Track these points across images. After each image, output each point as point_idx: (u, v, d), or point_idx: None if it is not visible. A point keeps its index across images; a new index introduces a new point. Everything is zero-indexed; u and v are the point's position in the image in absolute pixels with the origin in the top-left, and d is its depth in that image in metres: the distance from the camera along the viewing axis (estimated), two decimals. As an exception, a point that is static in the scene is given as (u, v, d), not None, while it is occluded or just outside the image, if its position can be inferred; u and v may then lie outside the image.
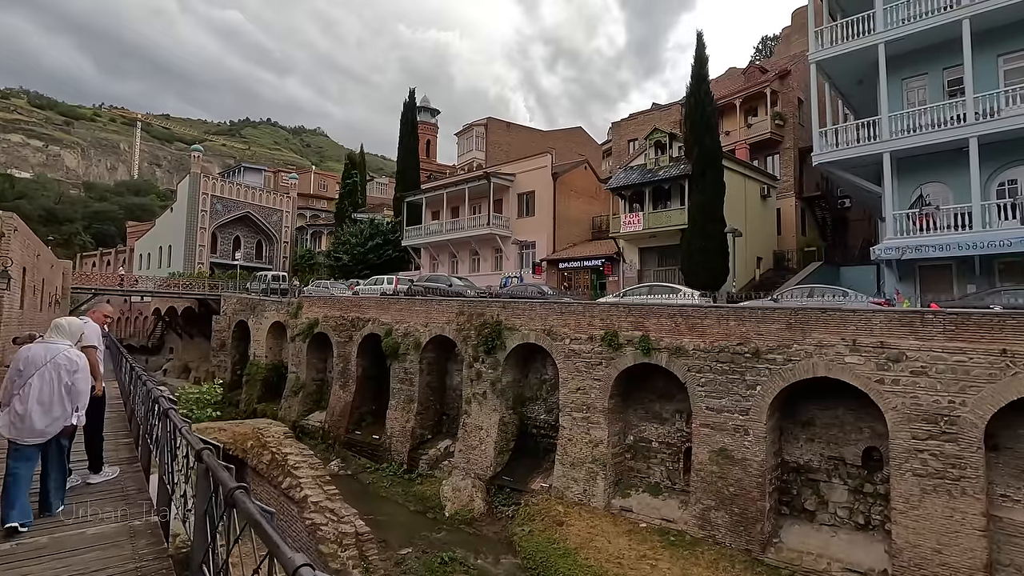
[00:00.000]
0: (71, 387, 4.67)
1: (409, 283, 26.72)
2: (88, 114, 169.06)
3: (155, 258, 50.30)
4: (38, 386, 4.56)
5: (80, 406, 4.79)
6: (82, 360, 4.86)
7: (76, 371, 4.73)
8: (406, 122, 40.93)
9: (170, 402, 5.32)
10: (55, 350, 4.75)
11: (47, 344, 4.83)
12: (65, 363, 4.69)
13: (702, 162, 21.95)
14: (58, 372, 4.67)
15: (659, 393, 16.61)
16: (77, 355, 4.87)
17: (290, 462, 11.27)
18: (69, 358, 4.75)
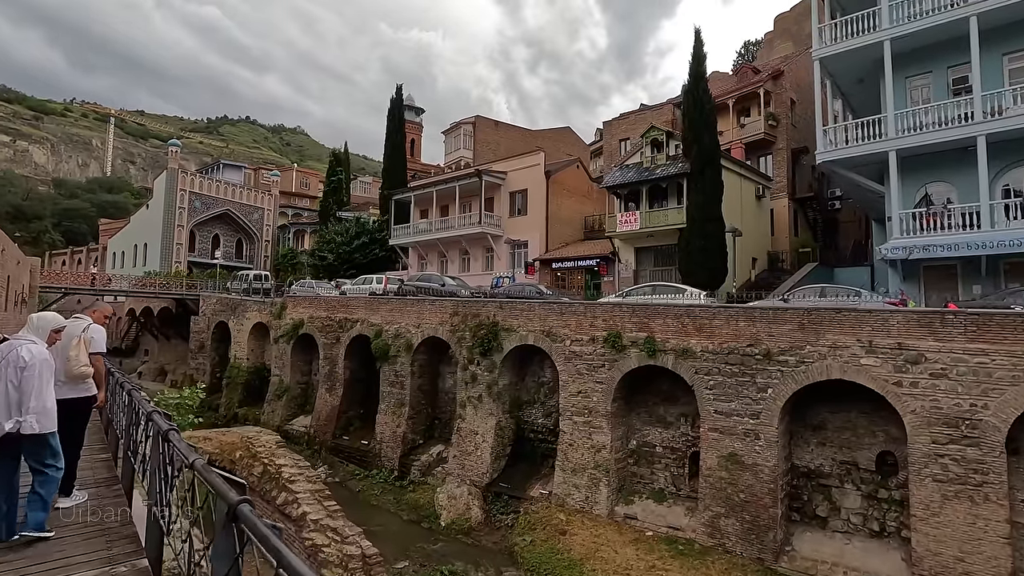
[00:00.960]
0: (16, 387, 4.08)
1: (399, 283, 25.90)
2: (58, 109, 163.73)
3: (129, 256, 48.42)
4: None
5: (22, 409, 4.06)
6: (37, 356, 4.24)
7: (24, 367, 4.11)
8: (393, 118, 40.03)
9: (167, 421, 4.18)
10: (14, 345, 4.25)
11: (12, 341, 4.37)
12: (15, 360, 4.13)
13: (701, 160, 21.59)
14: (8, 370, 4.11)
15: (663, 396, 16.12)
16: (36, 351, 4.26)
17: (285, 475, 10.40)
18: (20, 355, 4.16)
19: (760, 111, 29.47)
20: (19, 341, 4.26)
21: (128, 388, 5.90)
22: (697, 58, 22.40)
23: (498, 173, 30.01)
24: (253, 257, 48.36)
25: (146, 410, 4.59)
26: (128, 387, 5.92)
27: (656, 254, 24.57)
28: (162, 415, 4.40)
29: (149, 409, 4.53)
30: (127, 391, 5.86)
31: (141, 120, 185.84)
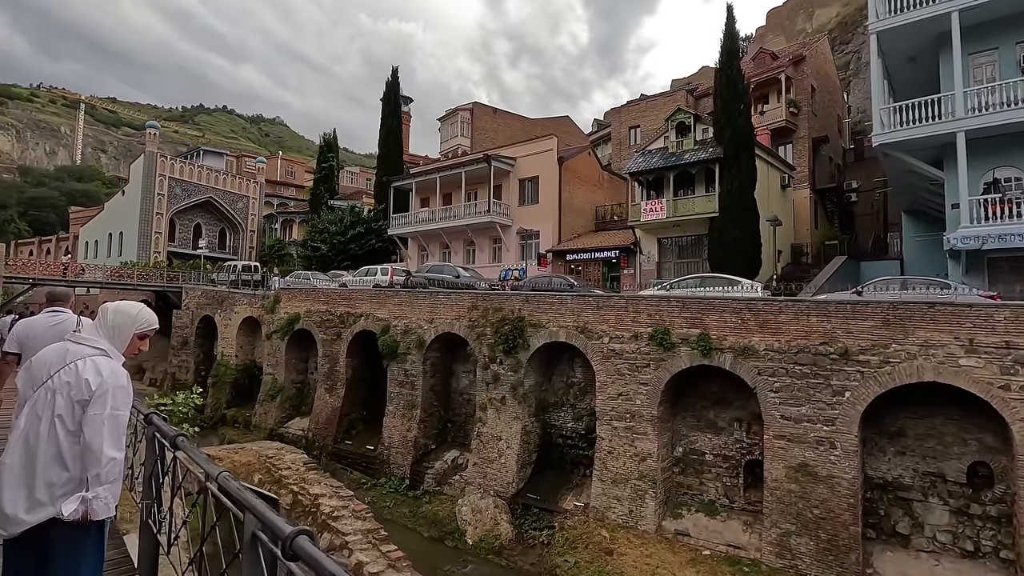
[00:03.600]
0: (79, 434, 2.19)
1: (405, 274, 24.03)
2: (24, 94, 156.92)
3: (103, 246, 45.45)
4: (27, 422, 2.20)
5: (97, 477, 2.21)
6: (110, 381, 2.29)
7: (90, 398, 2.21)
8: (389, 102, 37.89)
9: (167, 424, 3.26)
10: (70, 354, 2.31)
11: (65, 345, 2.37)
12: (72, 381, 2.22)
13: (735, 144, 20.18)
14: (58, 398, 2.20)
15: (713, 399, 14.67)
16: (109, 371, 2.32)
17: (324, 508, 8.51)
18: (83, 375, 2.24)
19: (780, 98, 28.21)
20: (80, 348, 2.34)
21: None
22: (730, 35, 20.98)
23: (507, 159, 28.27)
24: (238, 248, 45.81)
25: (142, 411, 3.91)
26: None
27: (681, 245, 23.14)
28: (161, 417, 3.57)
29: (146, 411, 3.83)
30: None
31: (112, 107, 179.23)
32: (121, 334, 2.44)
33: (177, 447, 2.91)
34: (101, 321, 2.44)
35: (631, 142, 34.96)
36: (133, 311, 2.51)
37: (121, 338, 2.43)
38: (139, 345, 2.56)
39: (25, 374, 2.30)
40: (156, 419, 3.51)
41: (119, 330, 2.43)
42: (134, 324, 2.48)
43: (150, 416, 3.63)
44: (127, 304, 2.55)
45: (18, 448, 2.13)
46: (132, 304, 2.56)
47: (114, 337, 2.41)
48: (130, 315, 2.48)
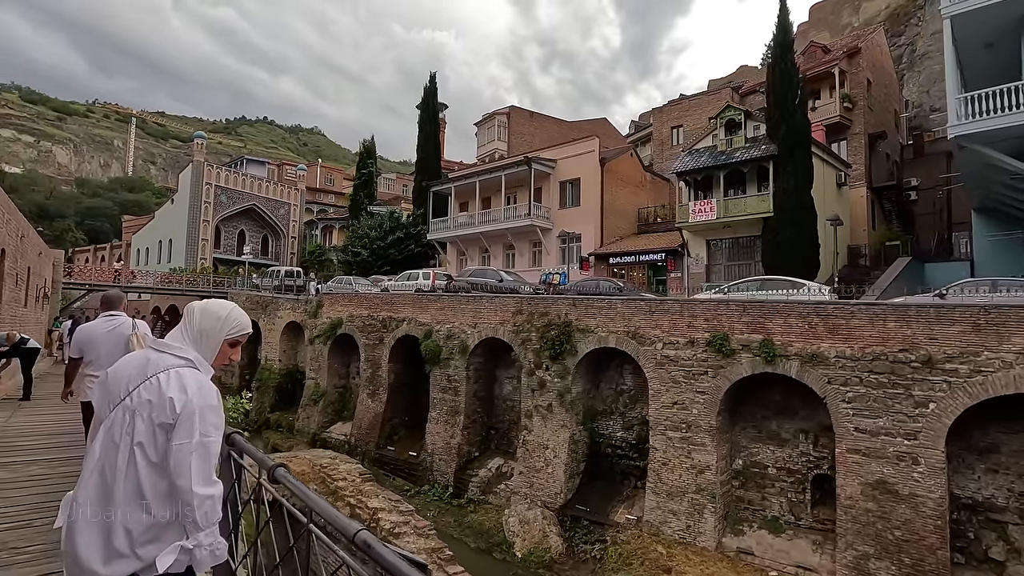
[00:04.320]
0: (164, 466, 1.77)
1: (447, 278, 23.81)
2: (81, 110, 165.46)
3: (154, 253, 47.06)
4: (102, 450, 1.78)
5: (194, 523, 1.79)
6: (196, 399, 1.82)
7: (175, 421, 1.78)
8: (427, 107, 38.03)
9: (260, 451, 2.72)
10: (150, 364, 1.87)
11: (150, 351, 1.94)
12: (156, 400, 1.79)
13: (790, 141, 19.22)
14: (138, 422, 1.77)
15: (775, 408, 13.82)
16: (195, 386, 1.86)
17: (384, 524, 8.21)
18: (166, 391, 1.80)
19: (834, 92, 26.94)
20: (162, 357, 1.90)
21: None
22: (783, 26, 20.06)
23: (547, 161, 27.83)
24: (280, 254, 46.73)
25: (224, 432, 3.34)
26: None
27: (732, 247, 22.20)
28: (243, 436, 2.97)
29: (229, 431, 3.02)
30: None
31: (161, 121, 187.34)
32: (210, 340, 1.98)
33: (232, 444, 2.78)
34: (186, 324, 1.98)
35: (673, 142, 34.07)
36: (222, 312, 2.03)
37: (210, 345, 1.98)
38: (230, 354, 2.07)
39: (100, 389, 1.87)
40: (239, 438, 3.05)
41: (207, 336, 1.97)
42: (224, 328, 2.01)
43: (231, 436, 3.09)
44: (216, 304, 2.07)
45: (92, 482, 1.71)
46: (221, 304, 2.08)
47: (202, 344, 1.96)
48: (219, 317, 2.01)
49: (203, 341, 1.96)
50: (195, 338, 1.95)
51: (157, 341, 1.95)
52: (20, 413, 8.93)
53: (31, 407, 9.68)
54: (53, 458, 5.95)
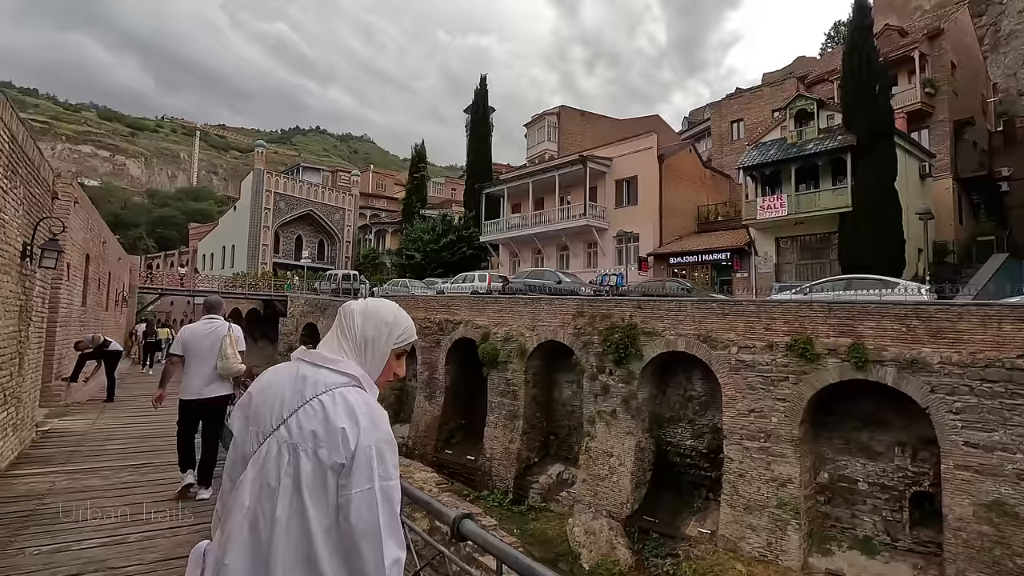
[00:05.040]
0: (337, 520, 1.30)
1: (502, 281, 23.55)
2: (151, 125, 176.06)
3: (218, 258, 49.17)
4: (254, 497, 1.33)
5: None
6: (375, 429, 1.35)
7: (350, 463, 1.30)
8: (477, 110, 38.05)
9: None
10: (319, 383, 1.41)
11: (303, 365, 1.48)
12: (323, 432, 1.32)
13: (871, 130, 17.92)
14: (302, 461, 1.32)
15: (866, 419, 12.74)
16: (363, 412, 1.37)
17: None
18: (337, 421, 1.33)
19: (913, 78, 25.09)
20: (320, 373, 1.44)
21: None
22: (861, 8, 18.76)
23: (603, 159, 27.18)
24: (335, 258, 47.88)
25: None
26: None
27: (803, 245, 20.93)
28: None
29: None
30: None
31: (222, 133, 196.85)
32: (376, 351, 1.53)
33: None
34: (344, 330, 1.54)
35: (733, 137, 32.71)
36: (388, 315, 1.59)
37: (376, 357, 1.53)
38: (395, 368, 1.63)
39: (243, 412, 1.45)
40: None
41: (373, 345, 1.52)
42: (392, 335, 1.57)
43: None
44: (379, 305, 1.62)
45: (243, 540, 1.29)
46: (386, 305, 1.63)
47: (366, 356, 1.51)
48: (386, 322, 1.57)
49: (368, 352, 1.52)
50: (357, 348, 1.51)
51: (309, 352, 1.51)
52: (105, 415, 9.17)
53: (115, 409, 9.95)
54: (143, 464, 5.94)
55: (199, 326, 5.22)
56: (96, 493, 4.75)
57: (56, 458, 6.08)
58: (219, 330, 5.15)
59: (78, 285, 10.26)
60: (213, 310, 5.44)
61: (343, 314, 1.58)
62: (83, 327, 11.40)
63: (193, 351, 5.02)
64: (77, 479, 5.26)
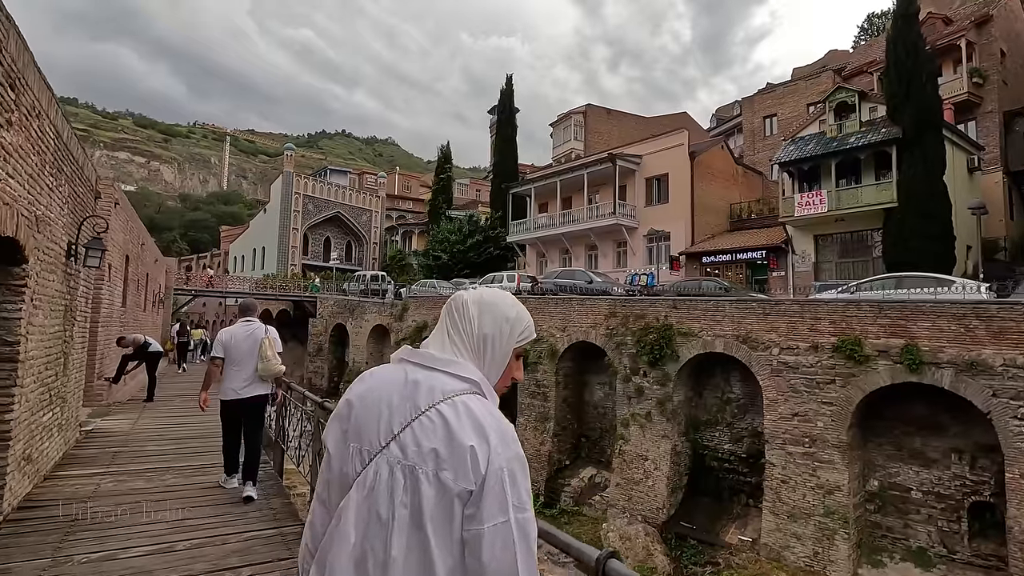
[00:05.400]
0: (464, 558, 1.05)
1: (531, 280, 23.32)
2: (183, 132, 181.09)
3: (248, 260, 50.07)
4: (359, 529, 1.08)
5: None
6: (505, 446, 1.08)
7: (480, 488, 1.04)
8: (503, 110, 37.95)
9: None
10: (435, 390, 1.15)
11: (411, 367, 1.21)
12: (446, 451, 1.07)
13: (918, 122, 17.16)
14: (423, 485, 1.06)
15: (918, 423, 12.14)
16: (491, 425, 1.09)
17: None
18: (463, 438, 1.07)
19: (960, 67, 24.04)
20: (435, 377, 1.17)
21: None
22: (906, -5, 17.95)
23: (632, 157, 26.73)
24: (362, 259, 48.30)
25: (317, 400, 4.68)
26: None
27: (844, 242, 20.19)
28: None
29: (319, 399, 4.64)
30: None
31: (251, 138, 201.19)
32: (496, 351, 1.25)
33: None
34: (457, 325, 1.26)
35: (766, 133, 31.89)
36: (510, 310, 1.30)
37: (497, 357, 1.26)
38: (515, 368, 1.33)
39: (339, 425, 1.19)
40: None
41: (493, 344, 1.25)
42: (514, 332, 1.28)
43: None
44: (496, 297, 1.32)
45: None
46: (503, 297, 1.33)
47: (485, 357, 1.24)
48: (507, 317, 1.28)
49: (487, 352, 1.25)
50: (474, 347, 1.24)
51: (417, 351, 1.24)
52: (146, 415, 9.24)
53: (155, 409, 10.04)
54: (184, 466, 5.88)
55: (237, 329, 5.29)
56: (141, 496, 4.67)
57: (100, 459, 6.07)
58: (256, 332, 5.24)
59: (119, 286, 10.39)
60: (248, 312, 5.54)
61: (454, 307, 1.31)
62: (123, 327, 11.56)
63: (233, 353, 5.10)
64: (122, 481, 5.22)
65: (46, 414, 5.19)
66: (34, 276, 4.29)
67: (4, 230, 3.37)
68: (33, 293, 4.31)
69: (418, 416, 1.11)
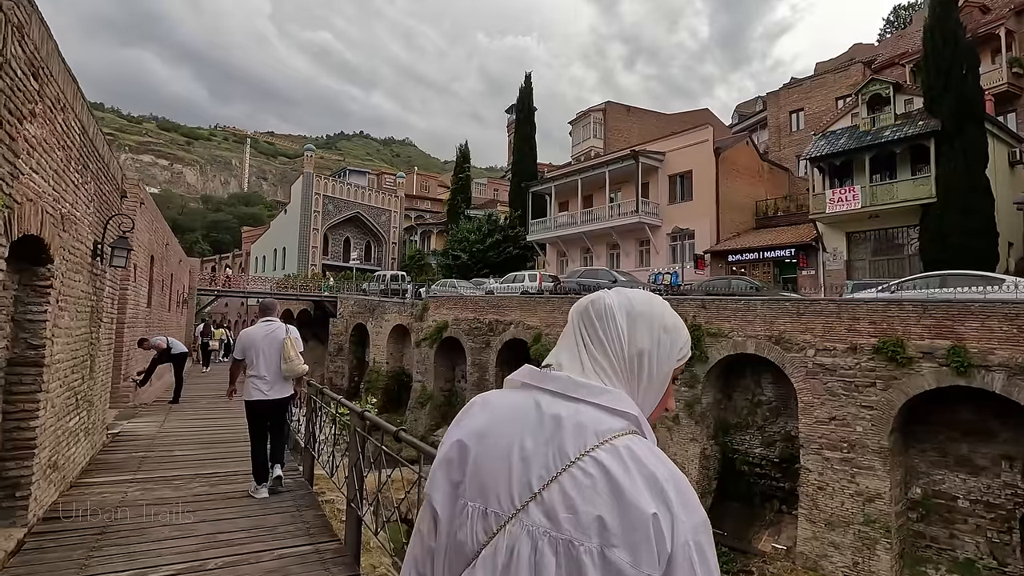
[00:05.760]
0: None
1: (553, 280, 23.01)
2: (205, 134, 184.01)
3: (269, 261, 50.51)
4: None
5: None
6: (687, 508, 0.77)
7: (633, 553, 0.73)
8: (522, 108, 37.58)
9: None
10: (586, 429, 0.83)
11: (543, 396, 0.89)
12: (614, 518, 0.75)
13: (958, 114, 16.47)
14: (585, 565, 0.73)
15: (965, 429, 11.58)
16: (667, 479, 0.78)
17: None
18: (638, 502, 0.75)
19: (999, 57, 23.16)
20: (578, 409, 0.85)
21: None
22: (944, -19, 17.25)
23: (655, 154, 26.25)
24: (381, 259, 48.41)
25: (356, 410, 4.37)
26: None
27: (878, 239, 19.52)
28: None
29: (359, 410, 4.32)
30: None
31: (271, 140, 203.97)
32: (656, 371, 0.93)
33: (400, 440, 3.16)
34: (600, 337, 0.93)
35: (792, 128, 31.14)
36: (664, 317, 0.97)
37: (655, 381, 0.93)
38: (669, 396, 0.99)
39: (447, 471, 0.89)
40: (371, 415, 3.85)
41: (651, 363, 0.92)
42: (674, 347, 0.95)
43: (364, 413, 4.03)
44: (647, 300, 0.98)
45: None
46: (654, 300, 0.99)
47: (639, 378, 0.92)
48: (664, 327, 0.95)
49: (643, 374, 0.92)
50: (627, 369, 0.91)
51: (550, 375, 0.92)
52: (172, 418, 9.15)
53: (180, 411, 9.97)
54: (211, 473, 5.71)
55: (257, 329, 5.29)
56: (169, 506, 4.49)
57: (127, 465, 5.93)
58: (277, 332, 5.25)
59: (144, 286, 10.35)
60: (268, 312, 5.57)
61: (594, 312, 0.96)
62: (148, 328, 11.54)
63: (254, 353, 5.10)
64: (149, 490, 5.06)
65: (72, 419, 5.05)
66: (60, 276, 4.13)
67: (28, 228, 3.19)
68: (59, 294, 4.15)
69: (567, 467, 0.79)
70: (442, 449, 0.92)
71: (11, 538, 3.54)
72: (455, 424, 0.95)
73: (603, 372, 0.91)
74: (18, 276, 3.72)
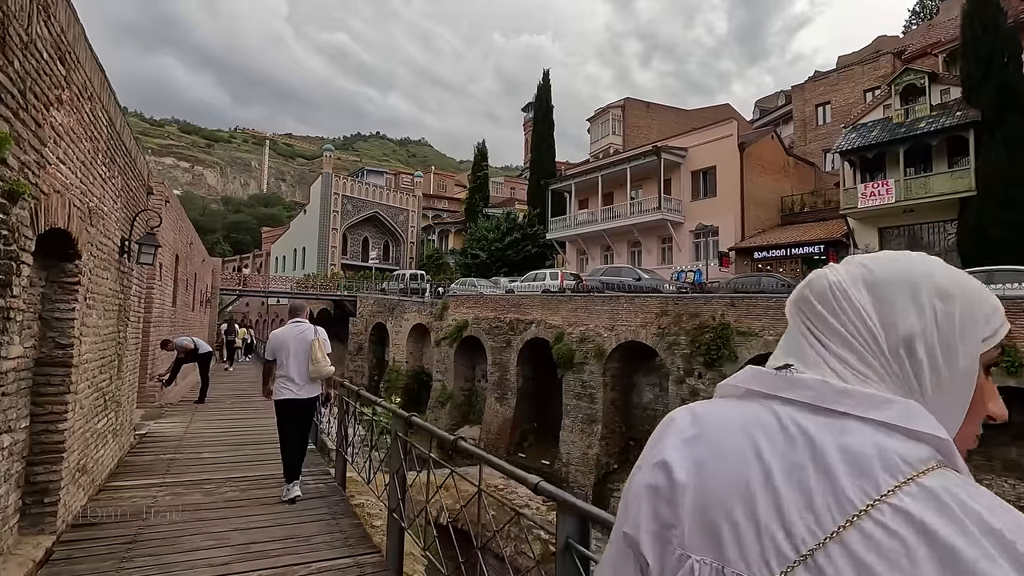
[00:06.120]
0: None
1: (575, 278, 22.70)
2: (225, 137, 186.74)
3: (289, 261, 50.89)
4: None
5: None
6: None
7: None
8: (540, 106, 37.32)
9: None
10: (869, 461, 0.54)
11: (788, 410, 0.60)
12: None
13: (999, 104, 15.81)
14: None
15: (1015, 432, 11.04)
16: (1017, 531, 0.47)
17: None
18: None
19: (1038, 45, 22.21)
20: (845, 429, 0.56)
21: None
22: (982, -33, 16.57)
23: (677, 149, 25.77)
24: (400, 258, 48.49)
25: (402, 414, 4.14)
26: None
27: (912, 235, 18.89)
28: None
29: (406, 415, 4.09)
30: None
31: (289, 141, 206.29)
32: (948, 363, 0.59)
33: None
34: (839, 328, 0.62)
35: (818, 121, 30.38)
36: (943, 280, 0.62)
37: (954, 378, 0.60)
38: (988, 395, 0.66)
39: (653, 507, 0.61)
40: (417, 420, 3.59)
41: (936, 356, 0.59)
42: (970, 323, 0.61)
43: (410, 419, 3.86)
44: (892, 261, 0.64)
45: None
46: (915, 261, 0.64)
47: (918, 379, 0.59)
48: (940, 293, 0.60)
49: (925, 370, 0.59)
50: (891, 366, 0.60)
51: (790, 379, 0.63)
52: (198, 418, 9.08)
53: (206, 411, 9.91)
54: (240, 477, 5.56)
55: (288, 330, 5.34)
56: (200, 513, 4.33)
57: (155, 467, 5.82)
58: (306, 333, 5.29)
59: (169, 285, 10.30)
60: (298, 313, 5.60)
61: (815, 296, 0.66)
62: (173, 328, 11.51)
63: (284, 354, 5.17)
64: (179, 494, 4.91)
65: (100, 420, 4.93)
66: (87, 273, 3.99)
67: (55, 221, 3.03)
68: (87, 291, 4.01)
69: (853, 519, 0.51)
70: (642, 478, 0.65)
71: (40, 547, 3.40)
72: (654, 446, 0.66)
73: (858, 376, 0.61)
74: (45, 272, 3.58)
